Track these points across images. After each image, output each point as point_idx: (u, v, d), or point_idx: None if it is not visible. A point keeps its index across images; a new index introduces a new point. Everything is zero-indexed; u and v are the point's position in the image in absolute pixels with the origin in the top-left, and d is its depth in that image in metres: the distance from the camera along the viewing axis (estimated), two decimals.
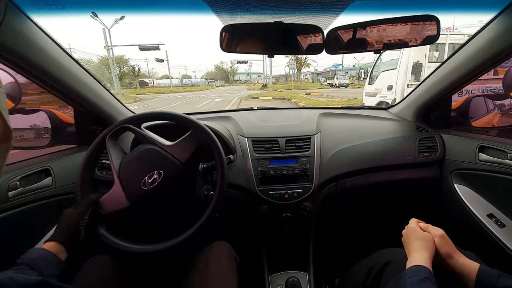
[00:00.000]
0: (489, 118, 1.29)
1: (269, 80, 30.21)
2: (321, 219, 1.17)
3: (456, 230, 1.02)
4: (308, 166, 1.07)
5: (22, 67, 0.78)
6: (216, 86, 52.00)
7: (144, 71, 58.00)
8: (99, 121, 1.12)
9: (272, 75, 47.58)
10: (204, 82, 62.38)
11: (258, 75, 71.91)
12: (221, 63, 68.09)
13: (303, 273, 1.16)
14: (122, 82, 42.13)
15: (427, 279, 0.54)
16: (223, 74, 69.21)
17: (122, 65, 41.30)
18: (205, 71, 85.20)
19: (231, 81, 69.02)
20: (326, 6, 0.78)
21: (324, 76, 48.75)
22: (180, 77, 68.79)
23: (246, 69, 69.06)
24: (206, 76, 75.23)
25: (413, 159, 1.16)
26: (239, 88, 38.33)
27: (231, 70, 68.74)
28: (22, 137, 1.13)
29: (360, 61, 40.93)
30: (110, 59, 20.43)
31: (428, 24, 0.80)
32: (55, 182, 0.92)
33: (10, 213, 0.79)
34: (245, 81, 70.42)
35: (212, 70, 74.98)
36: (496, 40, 0.83)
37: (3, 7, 0.64)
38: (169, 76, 40.50)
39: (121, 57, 40.65)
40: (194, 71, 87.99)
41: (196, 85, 56.03)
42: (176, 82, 60.42)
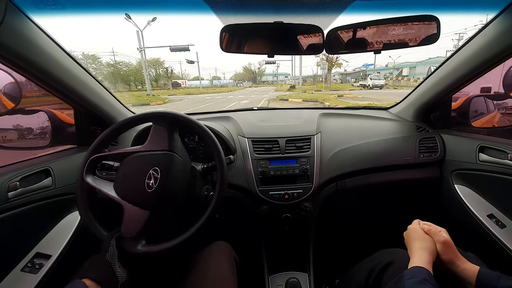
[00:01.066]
0: (489, 118, 1.29)
1: (297, 81, 29.29)
2: (321, 220, 1.17)
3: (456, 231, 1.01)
4: (308, 166, 1.07)
5: (22, 67, 0.78)
6: (244, 87, 51.86)
7: (178, 72, 59.38)
8: (99, 121, 1.12)
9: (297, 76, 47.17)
10: (232, 83, 62.40)
11: (285, 76, 71.30)
12: (249, 65, 68.82)
13: (303, 274, 1.16)
14: (157, 83, 43.96)
15: (426, 281, 0.54)
16: (250, 75, 69.20)
17: (157, 67, 42.73)
18: (233, 72, 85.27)
19: (258, 82, 68.94)
20: (326, 6, 0.78)
21: (353, 76, 47.06)
22: (210, 79, 69.55)
23: (274, 70, 68.61)
24: (234, 77, 75.33)
25: (413, 159, 1.16)
26: (266, 89, 37.35)
27: (258, 71, 68.85)
28: (22, 137, 1.13)
29: (396, 60, 39.11)
30: (143, 61, 20.90)
31: (428, 24, 0.80)
32: (55, 182, 0.92)
33: (10, 213, 0.78)
34: (272, 82, 69.93)
35: (240, 71, 75.27)
36: (496, 40, 0.83)
37: (3, 7, 0.64)
38: (199, 78, 41.57)
39: (157, 59, 42.22)
40: (224, 72, 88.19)
41: (225, 86, 56.11)
42: (206, 83, 61.04)
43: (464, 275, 0.60)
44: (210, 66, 78.56)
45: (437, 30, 0.79)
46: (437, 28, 0.79)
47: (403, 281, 0.56)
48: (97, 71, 34.51)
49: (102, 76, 35.47)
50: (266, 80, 73.73)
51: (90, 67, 32.52)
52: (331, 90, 24.35)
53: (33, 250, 0.84)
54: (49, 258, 0.83)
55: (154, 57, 42.97)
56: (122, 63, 38.71)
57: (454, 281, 0.62)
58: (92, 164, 0.77)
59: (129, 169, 0.73)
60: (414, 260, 0.62)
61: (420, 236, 0.66)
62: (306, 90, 25.34)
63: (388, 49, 0.87)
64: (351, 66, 55.50)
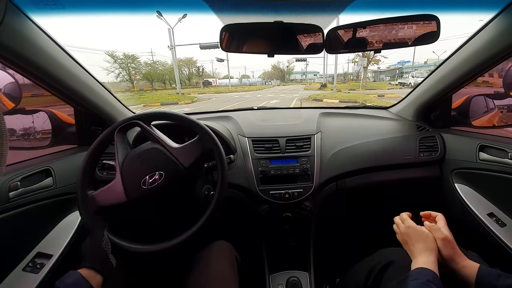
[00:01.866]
0: (489, 117, 1.28)
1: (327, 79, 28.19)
2: (322, 219, 1.17)
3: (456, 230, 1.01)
4: (309, 165, 1.07)
5: (22, 67, 0.78)
6: (272, 85, 51.15)
7: (209, 71, 60.37)
8: (100, 121, 1.12)
9: (329, 74, 46.03)
10: (261, 82, 62.08)
11: (314, 74, 70.04)
12: (278, 63, 67.78)
13: (304, 273, 1.16)
14: (190, 82, 45.09)
15: (430, 282, 0.54)
16: (279, 73, 68.36)
17: (190, 66, 44.14)
18: (262, 70, 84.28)
19: (287, 80, 67.69)
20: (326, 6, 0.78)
21: (388, 74, 44.27)
22: (239, 77, 69.25)
23: (302, 68, 66.26)
24: (263, 75, 74.79)
25: (414, 158, 1.16)
26: (296, 87, 35.44)
27: (287, 69, 67.78)
28: (23, 137, 1.13)
29: (440, 56, 33.65)
30: (174, 59, 21.13)
31: (428, 24, 0.80)
32: (56, 182, 0.92)
33: (11, 213, 0.79)
34: (300, 80, 67.81)
35: (269, 69, 74.58)
36: (495, 40, 0.83)
37: (3, 7, 0.63)
38: (229, 76, 40.80)
39: (190, 59, 43.54)
40: (252, 71, 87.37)
41: (254, 84, 56.01)
42: (236, 82, 61.00)
43: (464, 273, 0.60)
44: (239, 65, 78.46)
45: (437, 29, 0.79)
46: (437, 27, 0.79)
47: (407, 282, 0.56)
48: (136, 71, 35.11)
49: (140, 75, 36.13)
50: (295, 78, 71.71)
51: (129, 66, 33.64)
52: (366, 89, 21.33)
53: (34, 250, 0.84)
54: (50, 257, 0.83)
55: (187, 56, 44.37)
56: (159, 62, 39.44)
57: (454, 279, 0.62)
58: (129, 126, 0.78)
59: (146, 154, 0.74)
60: (418, 261, 0.61)
61: (422, 237, 0.65)
62: (340, 89, 22.78)
63: (388, 49, 0.87)
64: (385, 63, 53.24)
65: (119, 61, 32.88)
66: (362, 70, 26.66)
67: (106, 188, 0.72)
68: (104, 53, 33.94)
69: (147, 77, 37.17)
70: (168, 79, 41.25)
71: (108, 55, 31.98)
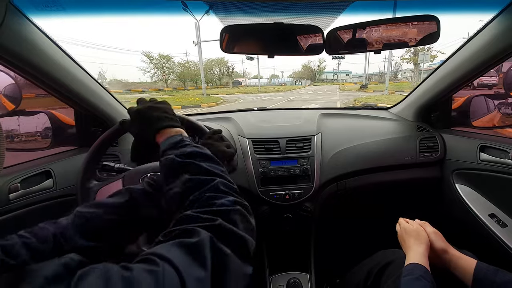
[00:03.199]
0: (490, 118, 1.28)
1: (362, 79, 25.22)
2: (322, 220, 1.17)
3: (457, 230, 1.01)
4: (309, 166, 1.07)
5: (22, 68, 0.78)
6: (303, 85, 49.77)
7: (239, 71, 60.46)
8: (100, 122, 1.12)
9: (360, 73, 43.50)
10: (291, 82, 60.85)
11: (347, 74, 68.36)
12: (309, 62, 66.11)
13: (305, 274, 1.16)
14: (220, 82, 44.98)
15: (422, 277, 0.55)
16: (309, 73, 66.80)
17: (221, 66, 43.83)
18: (292, 70, 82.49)
19: (317, 80, 65.70)
20: (326, 7, 0.78)
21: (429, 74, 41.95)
22: (269, 77, 68.69)
23: (334, 68, 65.18)
24: (293, 75, 72.87)
25: (414, 159, 1.16)
26: (330, 88, 33.04)
27: (318, 69, 66.08)
28: (23, 139, 1.13)
29: None
30: (200, 56, 19.16)
31: (428, 24, 0.80)
32: (56, 184, 0.92)
33: (11, 215, 0.79)
34: (331, 80, 65.22)
35: (299, 69, 73.07)
36: (495, 40, 0.83)
37: (3, 8, 0.63)
38: (258, 76, 40.61)
39: (222, 59, 43.19)
40: (282, 70, 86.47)
41: (283, 84, 55.23)
42: (265, 81, 60.57)
43: (460, 266, 0.61)
44: (269, 65, 77.48)
45: (437, 30, 0.79)
46: (437, 28, 0.79)
47: (399, 279, 0.58)
48: (170, 70, 35.57)
49: (174, 75, 36.55)
50: (326, 78, 69.00)
51: (164, 66, 34.47)
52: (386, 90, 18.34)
53: None
54: None
55: (218, 56, 43.99)
56: (191, 62, 39.87)
57: (451, 275, 0.63)
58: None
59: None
60: (410, 256, 0.63)
61: (413, 232, 0.68)
62: (376, 89, 20.73)
63: (388, 49, 0.87)
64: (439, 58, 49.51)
65: (155, 62, 33.86)
66: (412, 68, 23.72)
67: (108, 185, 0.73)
68: (141, 53, 34.60)
69: (180, 77, 37.67)
70: (200, 79, 41.43)
71: (145, 55, 33.07)
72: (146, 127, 0.55)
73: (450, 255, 0.64)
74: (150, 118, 0.55)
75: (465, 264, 0.61)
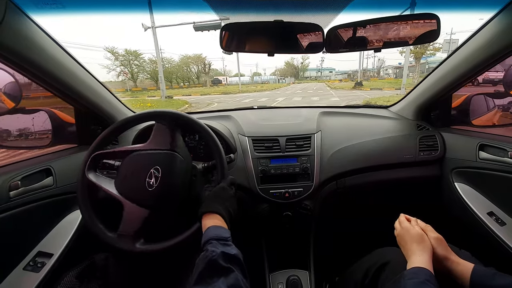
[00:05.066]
0: (489, 116, 1.29)
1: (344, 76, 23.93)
2: (322, 218, 1.17)
3: (456, 229, 1.02)
4: (309, 165, 1.07)
5: (22, 66, 0.78)
6: (287, 83, 47.61)
7: (220, 69, 58.31)
8: (100, 120, 1.12)
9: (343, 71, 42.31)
10: (274, 79, 58.56)
11: (330, 71, 67.23)
12: (292, 59, 63.90)
13: (304, 272, 1.17)
14: (199, 80, 42.32)
15: (428, 281, 0.54)
16: (293, 70, 64.86)
17: (199, 63, 40.72)
18: (274, 68, 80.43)
19: (301, 78, 64.05)
20: (326, 5, 0.78)
21: (412, 70, 37.41)
22: (251, 75, 66.92)
23: (317, 65, 63.75)
24: (276, 73, 70.75)
25: (414, 157, 1.16)
26: (318, 86, 30.35)
27: (301, 66, 64.61)
28: (23, 137, 1.13)
29: None
30: (156, 45, 14.13)
31: (428, 23, 0.80)
32: (56, 181, 0.92)
33: (11, 212, 0.79)
34: (315, 77, 63.68)
35: (282, 66, 70.84)
36: (495, 39, 0.83)
37: (3, 6, 0.63)
38: (239, 74, 36.05)
39: (199, 55, 40.37)
40: (264, 68, 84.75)
41: (266, 82, 53.21)
42: (247, 80, 58.65)
43: (458, 271, 0.61)
44: (251, 62, 75.84)
45: (437, 28, 0.79)
46: (437, 26, 0.79)
47: (403, 281, 0.56)
48: (139, 68, 32.63)
49: (145, 73, 33.83)
50: (309, 75, 67.61)
51: (132, 64, 31.21)
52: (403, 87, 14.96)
53: (35, 249, 0.84)
54: (51, 256, 0.84)
55: (195, 53, 42.33)
56: (164, 59, 36.09)
57: (449, 280, 0.62)
58: (94, 161, 0.77)
59: (130, 167, 0.74)
60: (413, 261, 0.61)
61: (416, 236, 0.66)
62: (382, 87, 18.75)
63: (388, 47, 0.87)
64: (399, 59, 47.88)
65: (121, 58, 30.01)
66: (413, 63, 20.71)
67: (124, 220, 0.72)
68: (104, 49, 29.47)
69: (152, 76, 33.49)
70: (175, 77, 39.84)
71: (108, 51, 28.99)
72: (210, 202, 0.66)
73: (450, 262, 0.63)
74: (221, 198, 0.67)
75: (463, 269, 0.60)
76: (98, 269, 1.02)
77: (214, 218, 0.62)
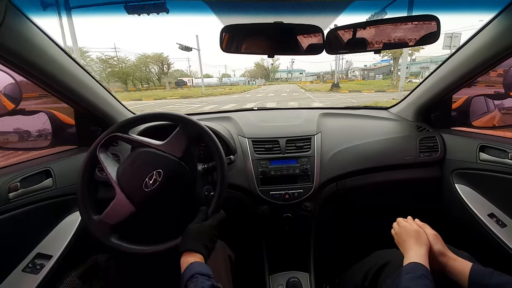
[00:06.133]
0: (489, 118, 1.28)
1: (308, 78, 22.75)
2: (322, 219, 1.17)
3: (456, 230, 1.02)
4: (309, 166, 1.07)
5: (22, 68, 0.78)
6: (258, 85, 46.55)
7: (185, 70, 55.93)
8: (100, 122, 1.12)
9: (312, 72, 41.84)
10: (244, 81, 57.35)
11: (300, 72, 67.46)
12: (262, 60, 62.40)
13: (304, 274, 1.16)
14: (160, 82, 39.16)
15: (424, 276, 0.55)
16: (263, 72, 63.91)
17: (160, 63, 37.14)
18: (244, 69, 79.28)
19: (272, 79, 63.43)
20: (326, 7, 0.78)
21: (378, 72, 38.70)
22: (219, 76, 65.17)
23: (288, 66, 63.72)
24: (246, 74, 68.74)
25: (414, 159, 1.16)
26: (291, 88, 28.89)
27: (271, 67, 63.87)
28: (23, 138, 1.13)
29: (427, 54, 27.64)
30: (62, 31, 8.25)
31: (428, 24, 0.80)
32: (55, 183, 0.92)
33: (11, 214, 0.79)
34: (286, 79, 63.32)
35: (252, 68, 69.60)
36: (496, 40, 0.83)
37: (3, 8, 0.63)
38: (201, 75, 29.27)
39: (159, 54, 36.52)
40: (234, 69, 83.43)
41: (236, 84, 51.81)
42: (215, 81, 56.52)
43: (456, 268, 0.62)
44: (219, 63, 74.89)
45: (437, 30, 0.79)
46: (437, 28, 0.79)
47: (401, 276, 0.57)
48: (86, 67, 31.00)
49: (92, 73, 31.90)
50: (280, 77, 67.66)
51: None
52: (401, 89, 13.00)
53: (34, 250, 0.84)
54: (50, 258, 0.83)
55: (155, 52, 39.37)
56: (117, 58, 34.46)
57: (447, 278, 0.63)
58: (108, 141, 0.77)
59: (136, 161, 0.74)
60: (410, 256, 0.63)
61: (413, 232, 0.68)
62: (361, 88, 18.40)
63: (388, 49, 0.88)
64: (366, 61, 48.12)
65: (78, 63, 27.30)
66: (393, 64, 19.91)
67: (111, 207, 0.72)
68: None
69: (101, 76, 30.93)
70: (132, 78, 37.02)
71: None
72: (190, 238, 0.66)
73: (447, 258, 0.64)
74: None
75: (461, 267, 0.61)
76: (100, 269, 1.02)
77: (195, 256, 0.63)
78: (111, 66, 33.62)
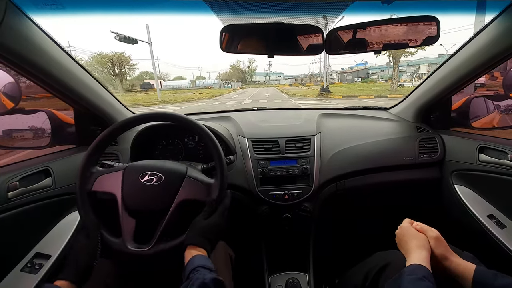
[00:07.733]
0: (489, 119, 1.29)
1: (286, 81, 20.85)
2: (321, 220, 1.17)
3: (456, 231, 1.02)
4: (308, 166, 1.07)
5: (21, 67, 0.78)
6: (233, 88, 43.87)
7: (153, 72, 53.16)
8: (99, 121, 1.12)
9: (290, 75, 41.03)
10: (218, 84, 53.49)
11: (278, 75, 66.69)
12: (238, 62, 60.64)
13: (303, 274, 1.16)
14: (122, 84, 34.02)
15: (425, 278, 0.55)
16: (239, 74, 61.38)
17: (121, 64, 32.08)
18: (220, 71, 76.16)
19: (249, 82, 60.81)
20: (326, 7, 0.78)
21: (355, 75, 40.10)
22: (193, 79, 61.95)
23: (265, 69, 62.39)
24: (221, 76, 65.76)
25: (413, 159, 1.16)
26: (270, 92, 26.54)
27: (248, 70, 61.53)
28: (22, 137, 1.13)
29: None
30: None
31: (428, 25, 0.80)
32: (55, 182, 0.92)
33: (9, 213, 0.78)
34: (264, 82, 61.71)
35: (227, 70, 66.63)
36: (495, 41, 0.83)
37: (3, 7, 0.63)
38: (156, 77, 23.71)
39: (121, 54, 31.41)
40: (209, 72, 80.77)
41: (209, 87, 48.11)
42: (186, 84, 52.06)
43: (459, 271, 0.61)
44: (193, 65, 73.51)
45: (437, 31, 0.79)
46: (437, 29, 0.79)
47: (402, 278, 0.57)
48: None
49: None
50: (257, 80, 65.90)
51: None
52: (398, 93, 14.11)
53: (32, 250, 0.83)
54: (48, 258, 0.83)
55: (114, 51, 32.84)
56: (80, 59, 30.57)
57: (450, 280, 0.62)
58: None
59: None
60: (412, 258, 0.62)
61: (415, 235, 0.67)
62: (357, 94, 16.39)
63: (388, 49, 0.88)
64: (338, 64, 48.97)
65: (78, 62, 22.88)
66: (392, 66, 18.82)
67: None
68: None
69: None
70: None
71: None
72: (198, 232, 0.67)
73: (449, 261, 0.63)
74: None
75: (464, 269, 0.60)
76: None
77: (199, 251, 0.64)
78: None
